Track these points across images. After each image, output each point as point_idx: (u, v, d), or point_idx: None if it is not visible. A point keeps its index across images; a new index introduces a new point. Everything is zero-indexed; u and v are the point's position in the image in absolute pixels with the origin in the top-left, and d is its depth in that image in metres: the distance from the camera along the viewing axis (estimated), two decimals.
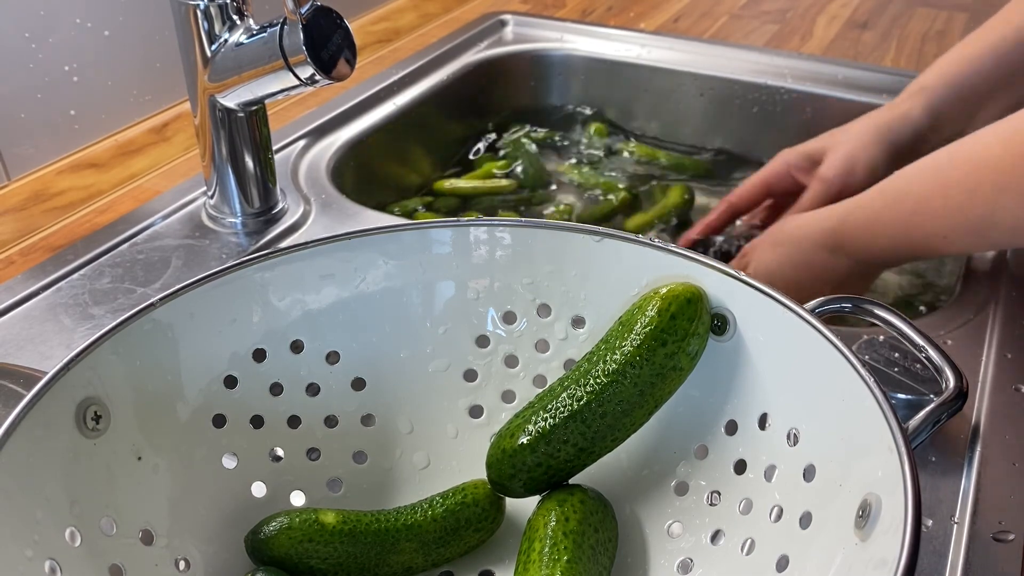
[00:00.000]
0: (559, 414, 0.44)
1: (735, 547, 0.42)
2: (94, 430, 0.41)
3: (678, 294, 0.44)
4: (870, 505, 0.36)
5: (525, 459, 0.45)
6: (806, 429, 0.41)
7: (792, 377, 0.42)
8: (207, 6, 0.62)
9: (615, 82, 1.04)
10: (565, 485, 0.46)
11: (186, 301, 0.45)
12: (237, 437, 0.47)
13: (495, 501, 0.46)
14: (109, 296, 0.63)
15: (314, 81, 0.58)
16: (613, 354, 0.44)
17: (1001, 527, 0.48)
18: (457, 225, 0.49)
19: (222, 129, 0.66)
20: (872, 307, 0.43)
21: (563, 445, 0.45)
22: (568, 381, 0.45)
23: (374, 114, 0.90)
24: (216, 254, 0.68)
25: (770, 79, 0.97)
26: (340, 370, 0.49)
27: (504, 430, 0.46)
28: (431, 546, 0.45)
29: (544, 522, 0.43)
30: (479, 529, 0.46)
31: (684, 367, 0.45)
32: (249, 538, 0.44)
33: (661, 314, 0.44)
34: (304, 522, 0.44)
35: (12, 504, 0.36)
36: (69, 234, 0.71)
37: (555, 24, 1.10)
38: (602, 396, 0.44)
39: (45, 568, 0.36)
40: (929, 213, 0.61)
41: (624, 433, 0.45)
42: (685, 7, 1.19)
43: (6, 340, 0.59)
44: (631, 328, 0.44)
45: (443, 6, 1.17)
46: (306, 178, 0.78)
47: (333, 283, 0.48)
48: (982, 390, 0.56)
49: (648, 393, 0.44)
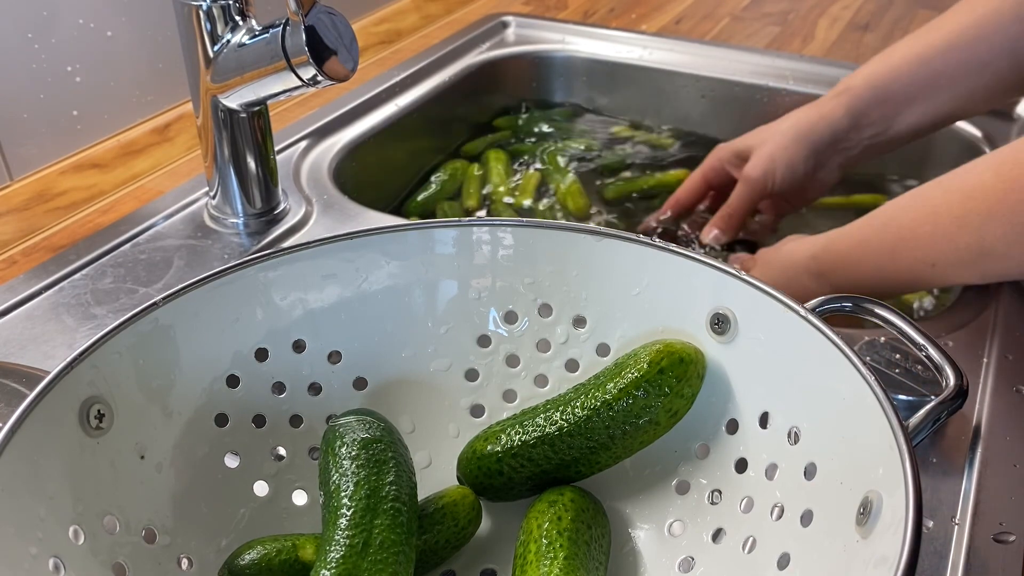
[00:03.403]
0: (532, 433, 0.46)
1: (736, 545, 0.43)
2: (97, 429, 0.41)
3: (674, 351, 0.45)
4: (871, 503, 0.36)
5: (490, 466, 0.46)
6: (807, 427, 0.41)
7: (793, 376, 0.42)
8: (210, 7, 0.62)
9: (616, 84, 1.04)
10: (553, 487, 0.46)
11: (188, 301, 0.45)
12: (239, 436, 0.47)
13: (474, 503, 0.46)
14: (111, 296, 0.63)
15: (316, 82, 0.58)
16: (597, 391, 0.45)
17: (1002, 528, 0.48)
18: (459, 225, 0.50)
19: (224, 130, 0.67)
20: (873, 306, 0.44)
21: (527, 463, 0.46)
22: (551, 404, 0.46)
23: (376, 115, 0.90)
24: (218, 254, 0.68)
25: (772, 81, 0.97)
26: (342, 369, 0.49)
27: (483, 432, 0.47)
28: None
29: (537, 523, 0.43)
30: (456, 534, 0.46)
31: (662, 423, 0.45)
32: (224, 572, 0.43)
33: (651, 366, 0.44)
34: (283, 563, 0.43)
35: (16, 502, 0.36)
36: (71, 234, 0.71)
37: (557, 26, 1.10)
38: (574, 428, 0.45)
39: (49, 565, 0.36)
40: (917, 240, 0.60)
41: (588, 469, 0.46)
42: (687, 9, 1.19)
43: (9, 340, 0.59)
44: (620, 371, 0.45)
45: (445, 7, 1.17)
46: (308, 178, 0.78)
47: (335, 283, 0.49)
48: (983, 392, 0.56)
49: (618, 439, 0.45)
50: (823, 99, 0.80)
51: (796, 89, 0.96)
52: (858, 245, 0.64)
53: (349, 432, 0.43)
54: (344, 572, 0.38)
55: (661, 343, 0.45)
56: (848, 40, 1.09)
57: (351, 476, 0.41)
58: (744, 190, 0.81)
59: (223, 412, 0.46)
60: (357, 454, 0.42)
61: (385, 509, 0.40)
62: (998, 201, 0.55)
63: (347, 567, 0.38)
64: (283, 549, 0.43)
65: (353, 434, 0.43)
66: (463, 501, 0.46)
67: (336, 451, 0.42)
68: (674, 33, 1.10)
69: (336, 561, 0.38)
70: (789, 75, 0.98)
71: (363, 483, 0.41)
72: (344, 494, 0.40)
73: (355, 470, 0.41)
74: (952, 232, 0.57)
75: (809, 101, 0.95)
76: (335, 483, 0.41)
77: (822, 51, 1.06)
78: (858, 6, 1.20)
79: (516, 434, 0.46)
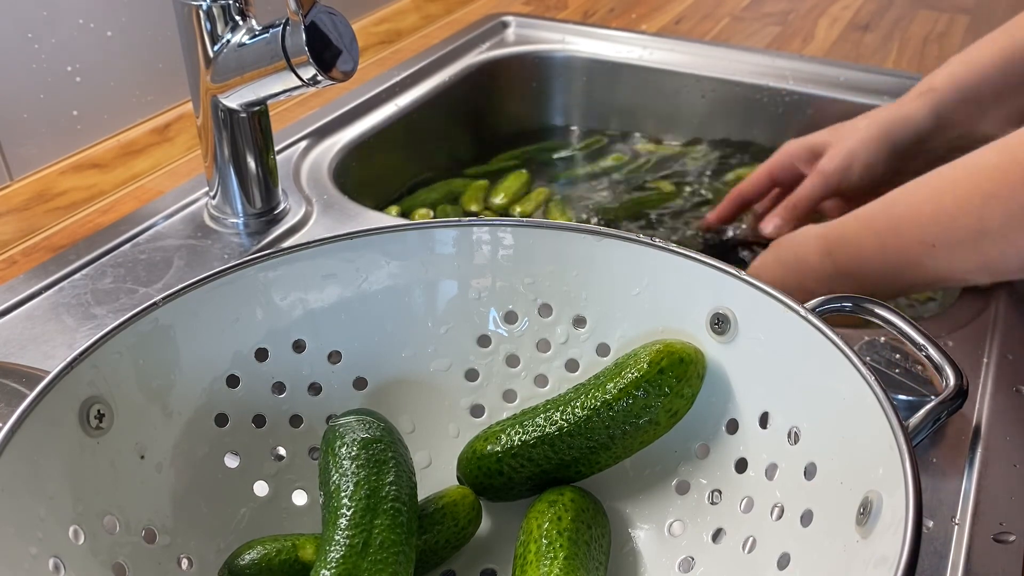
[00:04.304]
0: (532, 433, 0.46)
1: (736, 545, 0.43)
2: (97, 429, 0.41)
3: (674, 351, 0.45)
4: (871, 503, 0.36)
5: (490, 466, 0.46)
6: (807, 427, 0.41)
7: (793, 376, 0.42)
8: (210, 7, 0.62)
9: (617, 84, 1.04)
10: (553, 487, 0.46)
11: (188, 301, 0.45)
12: (239, 436, 0.47)
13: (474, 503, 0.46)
14: (111, 296, 0.63)
15: (316, 82, 0.58)
16: (596, 391, 0.45)
17: (1002, 528, 0.48)
18: (459, 225, 0.50)
19: (224, 130, 0.67)
20: (873, 306, 0.44)
21: (527, 463, 0.46)
22: (551, 404, 0.46)
23: (376, 115, 0.90)
24: (218, 254, 0.68)
25: (772, 81, 0.97)
26: (342, 369, 0.49)
27: (483, 432, 0.47)
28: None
29: (537, 524, 0.43)
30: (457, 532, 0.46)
31: (661, 423, 0.45)
32: (224, 572, 0.43)
33: (651, 366, 0.44)
34: (283, 563, 0.42)
35: (16, 502, 0.36)
36: (71, 234, 0.71)
37: (557, 26, 1.10)
38: (574, 428, 0.45)
39: (49, 565, 0.36)
40: (919, 219, 0.59)
41: (588, 469, 0.46)
42: (687, 9, 1.19)
43: (9, 340, 0.59)
44: (620, 371, 0.45)
45: (445, 7, 1.17)
46: (308, 179, 0.78)
47: (335, 283, 0.49)
48: (983, 391, 0.56)
49: (618, 439, 0.45)
50: (904, 99, 0.78)
51: (796, 89, 0.96)
52: (865, 223, 0.64)
53: (349, 432, 0.43)
54: (344, 572, 0.38)
55: (661, 343, 0.45)
56: (848, 40, 1.09)
57: (351, 476, 0.41)
58: (816, 183, 0.78)
59: (223, 412, 0.46)
60: (357, 454, 0.42)
61: (385, 509, 0.40)
62: (1000, 181, 0.54)
63: (347, 567, 0.38)
64: (283, 549, 0.43)
65: (353, 434, 0.43)
66: (463, 501, 0.46)
67: (336, 451, 0.42)
68: (674, 33, 1.10)
69: (336, 561, 0.38)
70: (789, 75, 0.98)
71: (363, 483, 0.41)
72: (344, 494, 0.40)
73: (355, 470, 0.41)
74: (952, 212, 0.57)
75: (809, 101, 0.96)
76: (335, 483, 0.41)
77: (822, 51, 1.06)
78: (858, 6, 1.20)
79: (516, 434, 0.46)
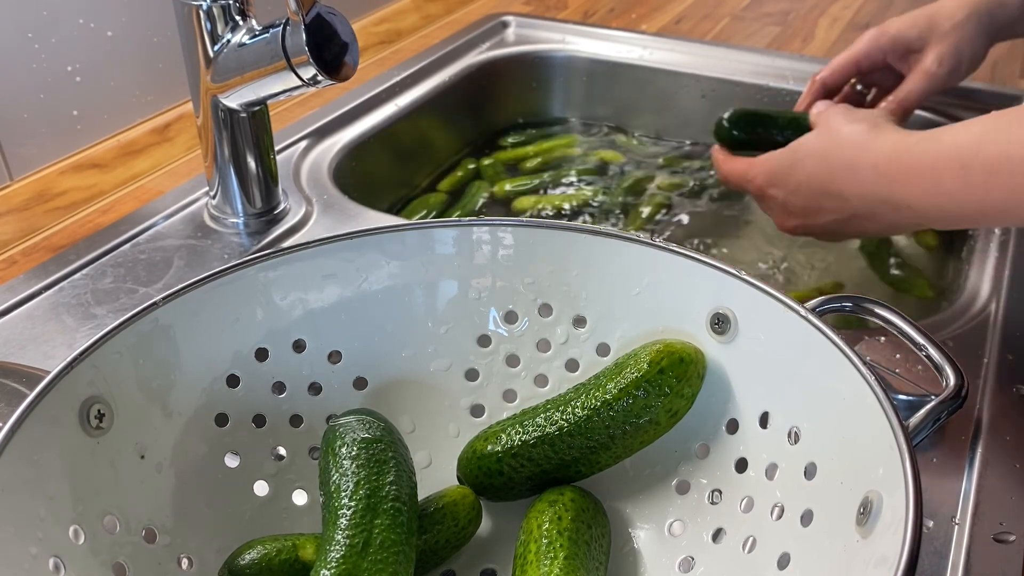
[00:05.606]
0: (532, 433, 0.46)
1: (736, 545, 0.43)
2: (97, 428, 0.41)
3: (674, 351, 0.45)
4: (871, 503, 0.36)
5: (490, 466, 0.46)
6: (807, 427, 0.41)
7: (793, 375, 0.42)
8: (210, 7, 0.62)
9: (617, 83, 1.04)
10: (553, 486, 0.46)
11: (188, 300, 0.45)
12: (239, 436, 0.47)
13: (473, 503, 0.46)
14: (111, 296, 0.63)
15: (316, 82, 0.58)
16: (597, 391, 0.45)
17: (1002, 528, 0.48)
18: (459, 225, 0.50)
19: (224, 129, 0.67)
20: (873, 306, 0.44)
21: (527, 463, 0.46)
22: (551, 404, 0.46)
23: (376, 115, 0.90)
24: (218, 254, 0.68)
25: (772, 81, 0.97)
26: (342, 369, 0.49)
27: (483, 432, 0.47)
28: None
29: (538, 523, 0.43)
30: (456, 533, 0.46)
31: (662, 423, 0.45)
32: (224, 572, 0.43)
33: (651, 365, 0.44)
34: (283, 563, 0.43)
35: (17, 502, 0.36)
36: (71, 234, 0.71)
37: (557, 26, 1.10)
38: (574, 428, 0.45)
39: (49, 565, 0.36)
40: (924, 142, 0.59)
41: (588, 469, 0.46)
42: (687, 9, 1.19)
43: (9, 340, 0.59)
44: (620, 371, 0.45)
45: (445, 7, 1.17)
46: (308, 178, 0.78)
47: (335, 283, 0.49)
48: (983, 391, 0.56)
49: (618, 439, 0.45)
50: None
51: (796, 89, 0.96)
52: (952, 156, 0.59)
53: (349, 432, 0.43)
54: (344, 572, 0.38)
55: (661, 343, 0.45)
56: (848, 40, 1.09)
57: (351, 476, 0.41)
58: (925, 85, 0.76)
59: (223, 412, 0.46)
60: (357, 454, 0.42)
61: (385, 509, 0.40)
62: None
63: (347, 567, 0.38)
64: (283, 549, 0.43)
65: (353, 434, 0.43)
66: (463, 501, 0.46)
67: (336, 451, 0.42)
68: (674, 33, 1.10)
69: (336, 561, 0.38)
70: (789, 75, 0.98)
71: (363, 483, 0.41)
72: (344, 494, 0.40)
73: (355, 470, 0.41)
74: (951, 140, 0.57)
75: None
76: (335, 483, 0.41)
77: (822, 51, 1.06)
78: (858, 6, 1.20)
79: (516, 434, 0.46)
